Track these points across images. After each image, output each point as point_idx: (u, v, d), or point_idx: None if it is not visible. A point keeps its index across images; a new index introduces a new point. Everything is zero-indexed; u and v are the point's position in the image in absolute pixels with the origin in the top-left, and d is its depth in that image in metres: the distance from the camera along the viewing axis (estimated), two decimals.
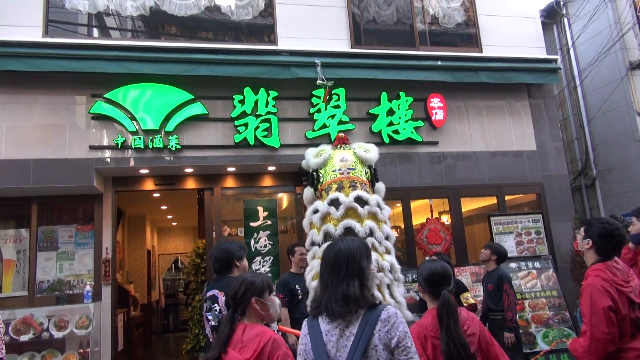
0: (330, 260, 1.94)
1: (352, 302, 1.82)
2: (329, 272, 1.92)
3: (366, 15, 6.82)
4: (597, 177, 8.45)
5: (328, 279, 1.92)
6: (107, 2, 5.94)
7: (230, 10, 6.31)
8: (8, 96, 5.42)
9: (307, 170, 4.56)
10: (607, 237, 2.55)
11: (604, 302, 2.38)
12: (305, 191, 4.46)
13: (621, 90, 7.93)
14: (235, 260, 3.32)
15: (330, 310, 1.83)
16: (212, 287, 3.27)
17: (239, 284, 2.23)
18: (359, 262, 1.92)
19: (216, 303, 3.15)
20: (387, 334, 1.78)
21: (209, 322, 3.19)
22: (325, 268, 1.96)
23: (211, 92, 5.89)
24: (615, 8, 8.14)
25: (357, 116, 6.32)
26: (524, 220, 6.36)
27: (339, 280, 1.88)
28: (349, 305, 1.81)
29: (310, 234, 4.14)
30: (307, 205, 4.48)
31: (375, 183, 4.35)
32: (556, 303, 5.82)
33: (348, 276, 1.88)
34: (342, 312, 1.81)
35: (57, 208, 5.89)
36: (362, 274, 1.91)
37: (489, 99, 6.93)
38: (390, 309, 1.84)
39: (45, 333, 5.08)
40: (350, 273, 1.89)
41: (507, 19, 7.26)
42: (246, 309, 2.21)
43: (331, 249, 1.99)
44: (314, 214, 4.10)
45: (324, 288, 1.93)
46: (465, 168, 6.62)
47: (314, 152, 4.40)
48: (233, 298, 2.22)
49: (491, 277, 5.04)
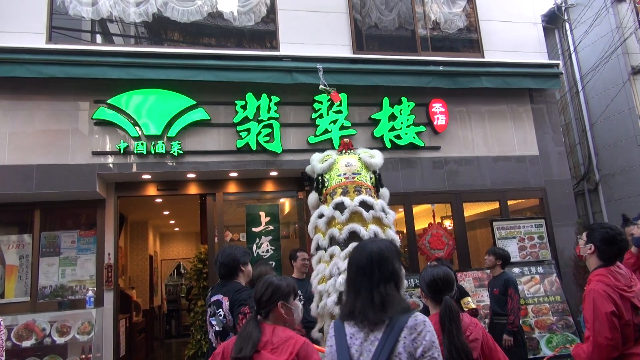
0: (362, 263, 1.83)
1: (390, 308, 1.73)
2: (360, 276, 1.82)
3: (368, 21, 6.84)
4: (600, 182, 8.42)
5: (360, 283, 1.81)
6: (110, 8, 5.98)
7: (232, 16, 6.35)
8: (11, 102, 5.44)
9: (312, 175, 4.57)
10: (609, 242, 2.54)
11: (607, 308, 2.37)
12: (310, 196, 4.48)
13: (623, 95, 7.93)
14: (240, 266, 3.31)
15: (366, 316, 1.74)
16: (216, 292, 3.26)
17: (265, 287, 2.21)
18: (392, 264, 1.83)
19: (220, 308, 3.14)
20: (413, 343, 1.69)
21: (213, 327, 3.18)
22: (355, 271, 1.85)
23: (213, 98, 5.91)
24: (616, 13, 8.15)
25: (359, 121, 6.33)
26: (526, 225, 6.34)
27: (374, 284, 1.78)
28: (386, 313, 1.72)
29: (315, 238, 4.15)
30: (311, 210, 4.49)
31: (380, 188, 4.37)
32: (559, 308, 5.79)
33: (383, 280, 1.78)
34: (379, 319, 1.72)
35: (59, 213, 5.90)
36: (396, 276, 1.82)
37: (491, 104, 6.94)
38: (419, 316, 1.73)
39: (48, 339, 5.08)
40: (385, 276, 1.79)
41: (509, 24, 7.28)
42: (270, 312, 2.19)
43: (361, 251, 1.89)
44: (319, 219, 4.11)
45: (355, 293, 1.81)
46: (468, 173, 6.62)
47: (319, 158, 4.42)
48: (258, 301, 2.20)
49: (497, 281, 5.02)
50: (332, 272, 3.88)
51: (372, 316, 1.72)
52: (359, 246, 1.94)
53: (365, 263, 1.83)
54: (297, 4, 6.49)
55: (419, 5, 7.04)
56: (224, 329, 3.12)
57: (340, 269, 3.86)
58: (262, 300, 2.19)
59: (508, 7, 7.37)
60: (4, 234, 5.75)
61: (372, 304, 1.75)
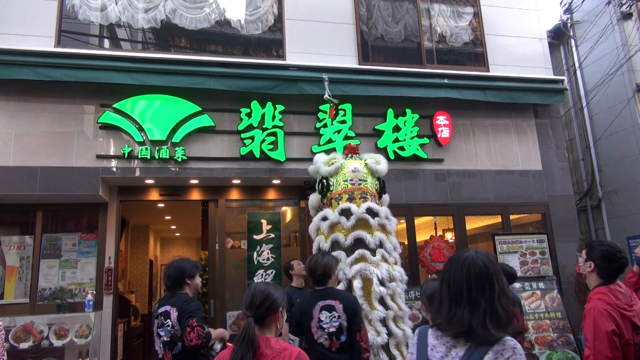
0: (472, 275, 1.71)
1: (502, 326, 1.63)
2: (467, 289, 1.70)
3: (374, 33, 6.88)
4: (603, 199, 8.40)
5: (467, 298, 1.69)
6: (119, 14, 6.04)
7: (240, 24, 6.40)
8: (18, 103, 5.48)
9: (314, 176, 4.56)
10: (609, 260, 2.53)
11: (608, 326, 2.35)
12: (312, 197, 4.48)
13: (628, 112, 7.93)
14: (186, 279, 3.36)
15: (479, 334, 1.62)
16: (163, 303, 3.32)
17: (264, 296, 2.15)
18: (499, 278, 1.72)
19: (169, 319, 3.21)
20: None
21: (161, 337, 3.24)
22: (460, 284, 1.72)
23: (218, 105, 5.94)
24: (622, 30, 8.18)
25: (363, 132, 6.35)
26: (528, 240, 6.32)
27: (488, 300, 1.66)
28: (499, 332, 1.61)
29: (317, 240, 4.15)
30: (311, 210, 4.50)
31: (382, 194, 4.39)
32: (560, 325, 5.74)
33: (496, 295, 1.67)
34: (493, 339, 1.60)
35: (61, 216, 5.91)
36: (503, 292, 1.70)
37: (495, 118, 6.95)
38: (508, 341, 1.61)
39: (45, 341, 5.07)
40: (495, 292, 1.68)
41: (515, 39, 7.31)
42: (266, 320, 2.15)
43: (464, 263, 1.75)
44: (322, 221, 4.11)
45: (461, 306, 1.69)
46: (470, 186, 6.61)
47: (324, 159, 4.42)
48: (256, 308, 2.13)
49: None
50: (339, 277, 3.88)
51: (486, 335, 1.61)
52: (460, 258, 1.78)
53: (476, 276, 1.71)
54: (304, 14, 6.54)
55: (425, 18, 7.08)
56: (172, 339, 3.19)
57: (347, 275, 3.86)
58: (262, 306, 2.14)
59: (514, 22, 7.41)
60: (6, 234, 5.76)
61: (486, 320, 1.63)
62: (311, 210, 4.51)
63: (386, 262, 4.04)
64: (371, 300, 3.83)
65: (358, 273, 3.85)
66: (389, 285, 3.90)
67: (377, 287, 3.83)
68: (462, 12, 7.30)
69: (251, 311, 2.14)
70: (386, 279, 3.89)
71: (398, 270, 4.01)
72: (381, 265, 3.91)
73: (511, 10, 7.46)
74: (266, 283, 2.26)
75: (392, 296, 3.89)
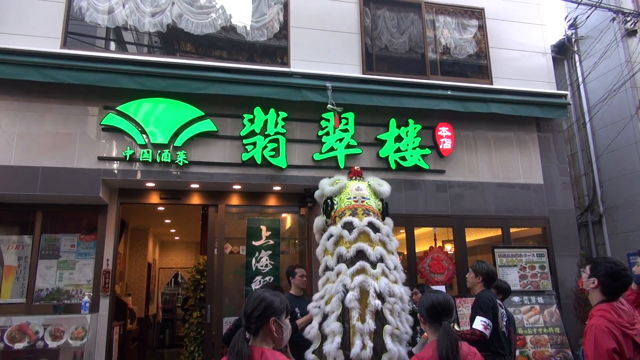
0: None
1: None
2: None
3: (378, 43, 6.91)
4: (604, 214, 8.38)
5: None
6: (125, 17, 6.06)
7: (245, 30, 6.43)
8: (22, 103, 5.49)
9: (319, 201, 4.60)
10: (614, 278, 2.51)
11: (609, 344, 2.33)
12: (317, 220, 4.51)
13: (630, 128, 7.94)
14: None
15: None
16: None
17: (257, 302, 2.05)
18: None
19: None
20: None
21: None
22: None
23: (221, 110, 5.95)
24: (626, 47, 8.21)
25: (365, 141, 6.35)
26: (528, 254, 6.29)
27: None
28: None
29: (324, 260, 4.15)
30: (316, 234, 4.51)
31: (385, 217, 4.41)
32: (559, 340, 5.70)
33: None
34: None
35: (61, 217, 5.90)
36: None
37: (498, 130, 6.95)
38: None
39: (40, 342, 5.03)
40: None
41: (519, 53, 7.34)
42: (260, 329, 2.03)
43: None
44: (327, 240, 4.13)
45: None
46: (471, 198, 6.60)
47: (328, 182, 4.49)
48: (248, 316, 2.03)
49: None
50: (337, 289, 3.85)
51: None
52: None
53: None
54: (309, 22, 6.57)
55: (430, 30, 7.11)
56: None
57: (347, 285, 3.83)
58: (252, 315, 2.02)
59: (518, 36, 7.43)
60: (5, 234, 5.74)
61: None
62: (316, 235, 4.52)
63: (386, 278, 4.01)
64: (364, 313, 3.78)
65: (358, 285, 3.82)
66: (389, 300, 3.86)
67: (372, 299, 3.78)
68: (467, 25, 7.33)
69: (244, 319, 2.03)
70: (386, 293, 3.85)
71: (398, 288, 3.96)
72: (381, 279, 3.88)
73: (516, 24, 7.49)
74: (265, 290, 2.15)
75: (391, 311, 3.84)
